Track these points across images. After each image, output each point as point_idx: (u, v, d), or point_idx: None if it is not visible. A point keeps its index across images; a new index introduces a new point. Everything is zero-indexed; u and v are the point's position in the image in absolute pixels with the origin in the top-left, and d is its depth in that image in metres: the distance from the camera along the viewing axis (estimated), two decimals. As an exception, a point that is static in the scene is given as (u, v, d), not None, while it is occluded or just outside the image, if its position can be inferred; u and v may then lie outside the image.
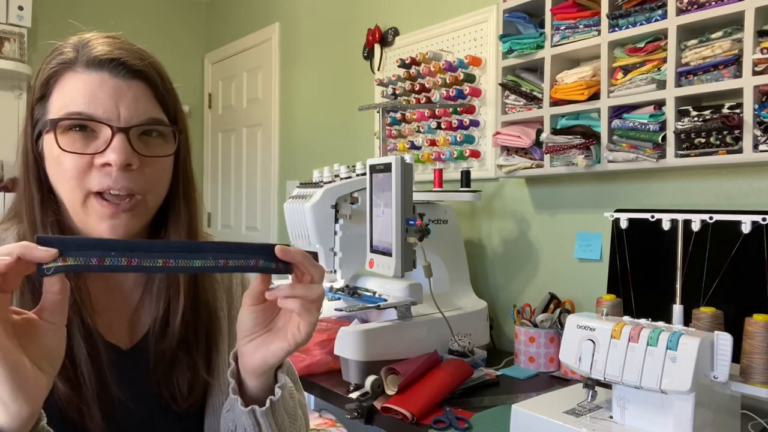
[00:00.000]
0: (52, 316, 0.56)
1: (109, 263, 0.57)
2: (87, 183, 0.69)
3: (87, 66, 0.69)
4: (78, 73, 0.69)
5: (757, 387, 1.05)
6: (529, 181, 1.94)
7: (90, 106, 0.68)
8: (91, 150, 0.68)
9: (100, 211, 0.69)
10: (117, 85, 0.69)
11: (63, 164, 0.69)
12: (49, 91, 0.71)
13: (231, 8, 3.65)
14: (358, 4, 2.65)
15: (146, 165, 0.71)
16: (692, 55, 1.41)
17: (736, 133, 1.34)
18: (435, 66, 2.14)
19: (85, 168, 0.68)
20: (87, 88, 0.68)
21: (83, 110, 0.68)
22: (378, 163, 1.53)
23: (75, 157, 0.68)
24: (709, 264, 1.28)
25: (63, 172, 0.69)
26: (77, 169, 0.68)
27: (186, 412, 0.76)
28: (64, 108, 0.69)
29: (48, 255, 0.54)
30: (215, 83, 3.79)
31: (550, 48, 1.69)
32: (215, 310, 0.83)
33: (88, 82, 0.69)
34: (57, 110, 0.69)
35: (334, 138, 2.82)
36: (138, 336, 0.77)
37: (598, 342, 1.07)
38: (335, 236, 1.74)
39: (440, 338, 1.64)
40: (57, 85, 0.70)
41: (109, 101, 0.68)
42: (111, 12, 3.39)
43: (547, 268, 1.90)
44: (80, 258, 0.56)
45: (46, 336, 0.56)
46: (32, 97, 0.73)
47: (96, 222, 0.70)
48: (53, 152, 0.69)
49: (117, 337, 0.75)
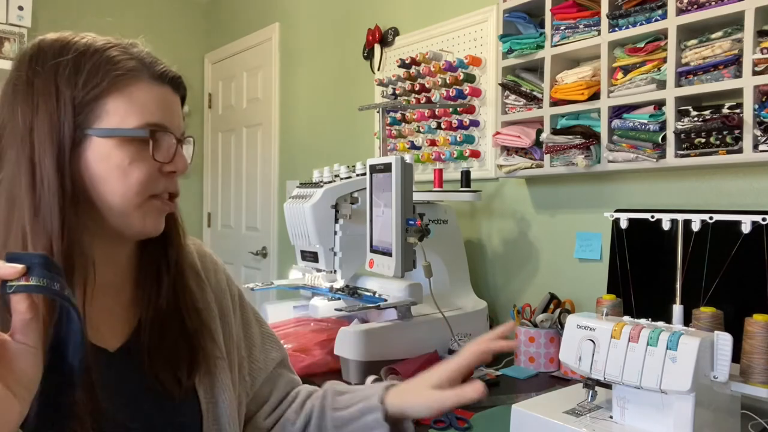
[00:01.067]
0: (25, 337, 0.54)
1: (68, 294, 0.54)
2: (152, 187, 0.73)
3: (158, 79, 0.74)
4: (148, 85, 0.73)
5: (757, 387, 1.05)
6: (529, 181, 1.94)
7: (164, 118, 0.73)
8: (160, 158, 0.73)
9: (160, 209, 0.75)
10: (175, 100, 0.76)
11: (133, 170, 0.71)
12: (107, 94, 0.70)
13: (231, 8, 3.65)
14: (358, 4, 2.65)
15: None
16: (692, 55, 1.41)
17: (736, 133, 1.34)
18: (435, 66, 2.14)
19: (156, 174, 0.73)
20: (161, 100, 0.73)
21: (161, 121, 0.73)
22: (378, 163, 1.53)
23: (152, 164, 0.72)
24: (709, 264, 1.28)
25: (128, 177, 0.71)
26: (150, 175, 0.72)
27: (182, 401, 0.76)
28: (140, 117, 0.71)
29: (13, 272, 0.52)
30: (215, 83, 3.79)
31: (550, 48, 1.69)
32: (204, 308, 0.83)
33: (161, 94, 0.74)
34: (127, 117, 0.70)
35: (334, 138, 2.82)
36: (126, 335, 0.76)
37: (598, 342, 1.07)
38: (335, 236, 1.74)
39: (440, 338, 1.64)
40: (118, 92, 0.70)
41: (174, 114, 0.75)
42: (111, 12, 3.38)
43: (547, 268, 1.90)
44: (44, 280, 0.53)
45: (20, 359, 0.54)
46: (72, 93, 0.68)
47: (153, 219, 0.74)
48: (117, 157, 0.70)
49: (104, 339, 0.74)
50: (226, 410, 0.80)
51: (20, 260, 0.53)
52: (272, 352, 0.96)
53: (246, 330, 0.93)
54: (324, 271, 1.78)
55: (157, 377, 0.74)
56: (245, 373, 0.90)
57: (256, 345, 0.94)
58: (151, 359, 0.74)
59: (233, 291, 0.93)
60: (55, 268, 0.55)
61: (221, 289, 0.89)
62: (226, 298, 0.90)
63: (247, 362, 0.91)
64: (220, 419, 0.79)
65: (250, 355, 0.92)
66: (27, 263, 0.53)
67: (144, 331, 0.75)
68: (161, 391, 0.74)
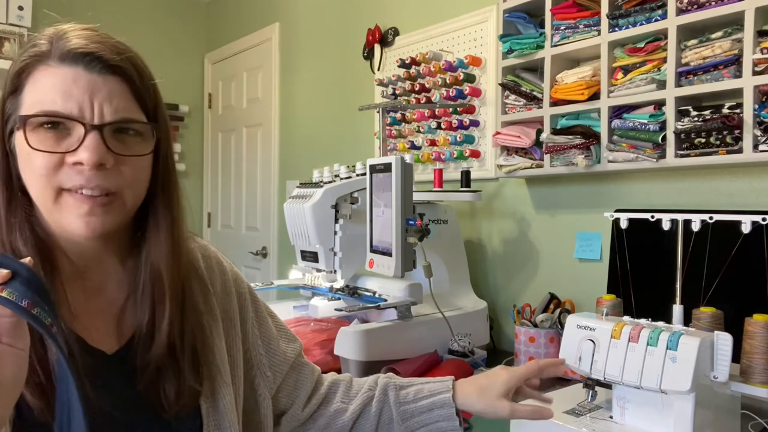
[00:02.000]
0: (12, 339, 0.53)
1: (37, 313, 0.52)
2: (58, 180, 0.66)
3: (61, 60, 0.66)
4: (51, 68, 0.66)
5: (757, 387, 1.05)
6: (529, 181, 1.94)
7: (63, 103, 0.65)
8: (63, 148, 0.66)
9: (75, 207, 0.67)
10: (92, 81, 0.66)
11: (33, 162, 0.66)
12: (21, 84, 0.68)
13: (231, 8, 3.65)
14: (358, 4, 2.65)
15: (123, 163, 0.68)
16: (692, 55, 1.41)
17: (736, 133, 1.34)
18: (435, 66, 2.14)
19: (56, 166, 0.66)
20: (60, 83, 0.66)
21: (56, 108, 0.65)
22: (378, 163, 1.53)
23: (45, 155, 0.65)
24: (709, 264, 1.28)
25: (33, 169, 0.66)
26: (47, 167, 0.66)
27: (176, 418, 0.73)
28: (36, 104, 0.66)
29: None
30: (215, 83, 3.79)
31: (550, 48, 1.69)
32: (206, 312, 0.81)
33: (61, 77, 0.66)
34: (29, 106, 0.67)
35: (334, 138, 2.82)
36: (123, 339, 0.74)
37: (598, 342, 1.07)
38: (335, 236, 1.74)
39: (440, 338, 1.64)
40: (30, 79, 0.67)
41: (83, 97, 0.66)
42: (111, 12, 3.39)
43: (547, 268, 1.90)
44: (14, 294, 0.52)
45: (6, 361, 0.53)
46: (4, 92, 0.69)
47: (71, 218, 0.67)
48: (24, 150, 0.67)
49: (101, 341, 0.72)
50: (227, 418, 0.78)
51: (6, 266, 0.53)
52: (291, 343, 0.96)
53: (261, 326, 0.92)
54: (324, 271, 1.78)
55: (148, 391, 0.71)
56: (265, 370, 0.89)
57: (273, 338, 0.93)
58: (142, 374, 0.71)
59: (242, 290, 0.90)
60: (34, 283, 0.53)
61: (227, 291, 0.88)
62: (232, 300, 0.88)
63: (266, 358, 0.90)
64: (221, 424, 0.77)
65: (268, 351, 0.91)
66: (12, 270, 0.53)
67: (139, 342, 0.72)
68: (155, 404, 0.72)
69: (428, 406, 0.92)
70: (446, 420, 0.91)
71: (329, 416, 0.94)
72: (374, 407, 0.93)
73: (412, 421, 0.92)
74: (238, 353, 0.85)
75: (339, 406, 0.94)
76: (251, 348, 0.89)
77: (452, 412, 0.91)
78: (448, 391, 0.92)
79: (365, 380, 0.99)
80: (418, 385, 0.95)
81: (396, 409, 0.92)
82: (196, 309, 0.79)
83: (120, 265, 0.76)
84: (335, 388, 0.97)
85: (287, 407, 0.93)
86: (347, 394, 0.96)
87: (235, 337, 0.86)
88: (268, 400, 0.89)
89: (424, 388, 0.94)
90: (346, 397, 0.95)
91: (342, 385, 0.98)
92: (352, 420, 0.93)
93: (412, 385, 0.95)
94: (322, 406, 0.95)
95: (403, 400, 0.93)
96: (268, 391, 0.89)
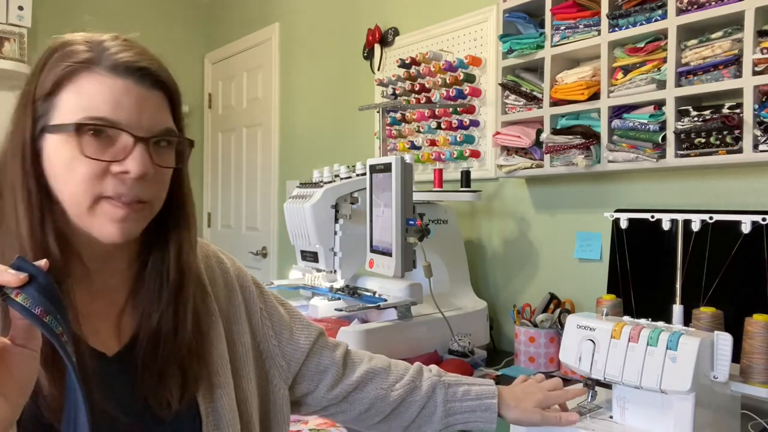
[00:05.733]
0: (26, 341, 0.54)
1: (48, 321, 0.53)
2: (100, 188, 0.67)
3: (112, 71, 0.68)
4: (101, 76, 0.67)
5: (757, 387, 1.05)
6: (529, 181, 1.94)
7: (113, 113, 0.67)
8: (108, 157, 0.67)
9: (111, 213, 0.68)
10: (141, 94, 0.69)
11: (75, 168, 0.66)
12: (60, 88, 0.68)
13: (231, 8, 3.65)
14: (358, 4, 2.65)
15: (158, 174, 0.70)
16: (692, 55, 1.41)
17: (736, 133, 1.34)
18: (435, 66, 2.14)
19: (101, 174, 0.67)
20: (109, 93, 0.67)
21: (107, 116, 0.66)
22: (378, 163, 1.53)
23: (92, 162, 0.66)
24: (709, 264, 1.28)
25: (75, 175, 0.67)
26: (91, 174, 0.66)
27: (175, 418, 0.74)
28: (81, 110, 0.66)
29: (14, 279, 0.52)
30: (215, 83, 3.79)
31: (550, 48, 1.69)
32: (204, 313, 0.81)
33: (110, 86, 0.67)
34: (73, 111, 0.67)
35: (334, 138, 2.82)
36: (123, 341, 0.75)
37: (598, 342, 1.07)
38: (335, 236, 1.74)
39: (440, 338, 1.64)
40: (71, 84, 0.67)
41: (133, 109, 0.68)
42: (111, 12, 3.39)
43: (547, 268, 1.90)
44: (28, 300, 0.52)
45: (18, 362, 0.53)
46: (34, 91, 0.69)
47: (105, 223, 0.68)
48: (63, 154, 0.67)
49: (103, 342, 0.73)
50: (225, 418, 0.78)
51: (24, 269, 0.53)
52: (305, 329, 0.96)
53: (272, 316, 0.92)
54: (324, 271, 1.78)
55: (148, 394, 0.72)
56: (279, 360, 0.90)
57: (286, 327, 0.93)
58: (143, 376, 0.72)
59: (245, 284, 0.91)
60: (48, 290, 0.54)
61: (230, 288, 0.88)
62: (236, 296, 0.88)
63: (278, 348, 0.91)
64: (220, 424, 0.78)
65: (280, 340, 0.92)
66: (30, 274, 0.53)
67: (140, 345, 0.73)
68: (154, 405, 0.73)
69: (472, 407, 0.99)
70: (486, 422, 0.99)
71: (368, 401, 0.97)
72: (419, 400, 0.98)
73: (454, 418, 0.99)
74: (244, 348, 0.86)
75: (378, 393, 0.97)
76: (262, 340, 0.89)
77: (494, 416, 0.99)
78: (493, 398, 0.99)
79: (404, 367, 1.03)
80: (465, 386, 1.01)
81: (442, 407, 0.99)
82: (195, 311, 0.79)
83: (127, 267, 0.77)
84: (371, 374, 0.99)
85: (310, 390, 0.95)
86: (386, 379, 0.99)
87: (241, 333, 0.86)
88: (283, 390, 0.90)
89: (471, 390, 1.01)
90: (385, 382, 0.99)
91: (380, 373, 1.00)
92: (392, 407, 0.98)
93: (459, 384, 1.02)
94: (356, 390, 0.97)
95: (451, 398, 1.00)
96: (283, 381, 0.90)
